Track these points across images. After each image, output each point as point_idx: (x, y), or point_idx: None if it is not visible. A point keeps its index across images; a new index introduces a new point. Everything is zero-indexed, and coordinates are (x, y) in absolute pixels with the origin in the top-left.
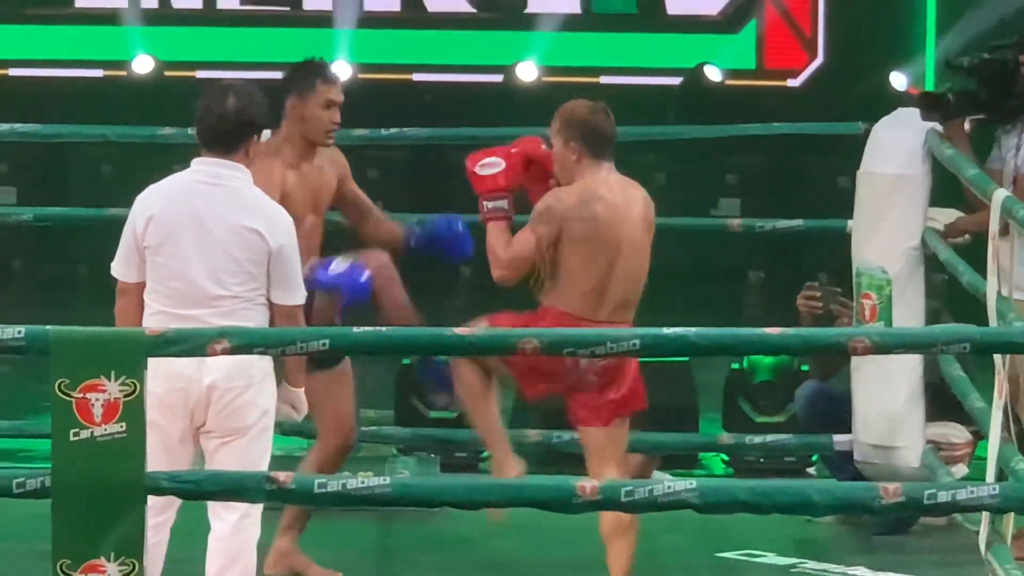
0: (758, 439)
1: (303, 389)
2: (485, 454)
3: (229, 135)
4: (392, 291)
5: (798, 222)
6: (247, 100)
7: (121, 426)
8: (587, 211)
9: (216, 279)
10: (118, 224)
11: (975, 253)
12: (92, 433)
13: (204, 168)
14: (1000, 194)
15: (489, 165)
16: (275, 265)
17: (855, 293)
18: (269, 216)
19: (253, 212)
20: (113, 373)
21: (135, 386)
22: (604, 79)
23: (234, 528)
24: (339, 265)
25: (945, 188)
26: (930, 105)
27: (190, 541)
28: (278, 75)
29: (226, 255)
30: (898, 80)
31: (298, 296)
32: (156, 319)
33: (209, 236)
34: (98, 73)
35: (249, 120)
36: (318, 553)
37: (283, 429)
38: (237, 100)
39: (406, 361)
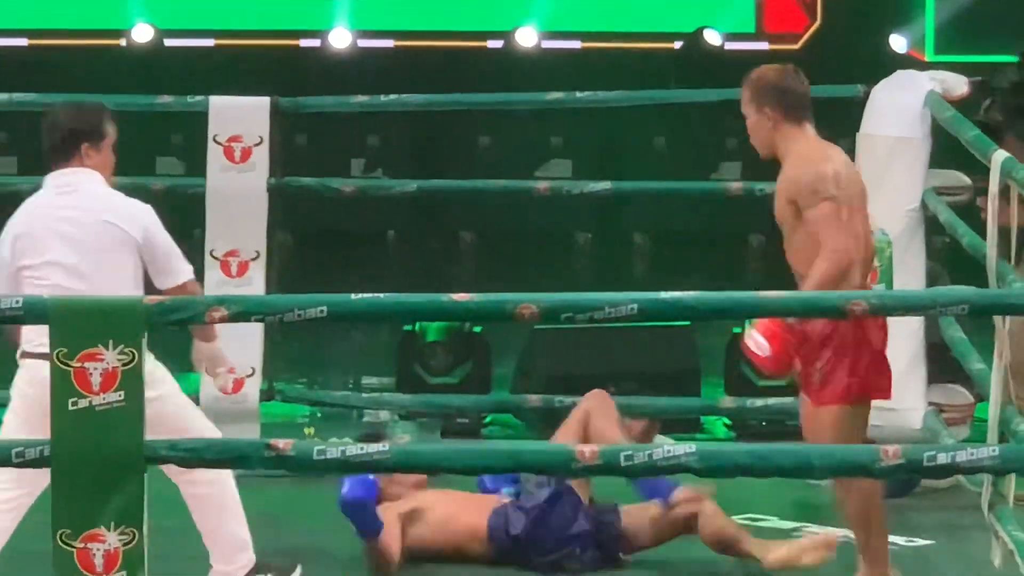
0: (760, 403)
1: (216, 343)
2: (489, 419)
3: (65, 145)
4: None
5: None
6: (74, 112)
7: (120, 395)
8: (846, 174)
9: (82, 276)
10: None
11: (975, 215)
12: (91, 402)
13: (54, 180)
14: (999, 155)
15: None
16: (146, 253)
17: None
18: (124, 209)
19: (109, 208)
20: (111, 342)
21: (133, 355)
22: (604, 44)
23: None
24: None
25: (945, 151)
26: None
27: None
28: (277, 43)
29: (92, 252)
30: (897, 43)
31: (182, 274)
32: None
33: (71, 239)
34: (97, 42)
35: (77, 129)
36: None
37: (285, 396)
38: (65, 113)
39: (407, 328)
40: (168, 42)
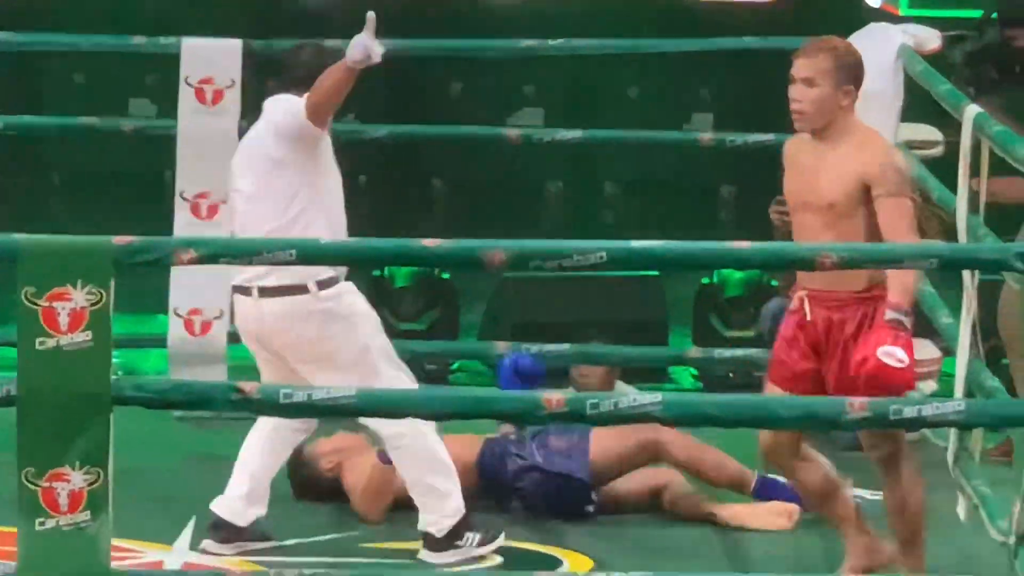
0: (727, 353)
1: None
2: (456, 366)
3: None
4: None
5: (770, 136)
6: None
7: (87, 335)
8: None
9: (248, 199)
10: (90, 133)
11: (945, 169)
12: (58, 342)
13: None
14: (972, 110)
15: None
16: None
17: None
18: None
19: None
20: (80, 282)
21: (101, 295)
22: None
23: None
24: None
25: (917, 105)
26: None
27: None
28: None
29: (252, 175)
30: None
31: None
32: None
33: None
34: None
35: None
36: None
37: None
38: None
39: (376, 273)
40: None
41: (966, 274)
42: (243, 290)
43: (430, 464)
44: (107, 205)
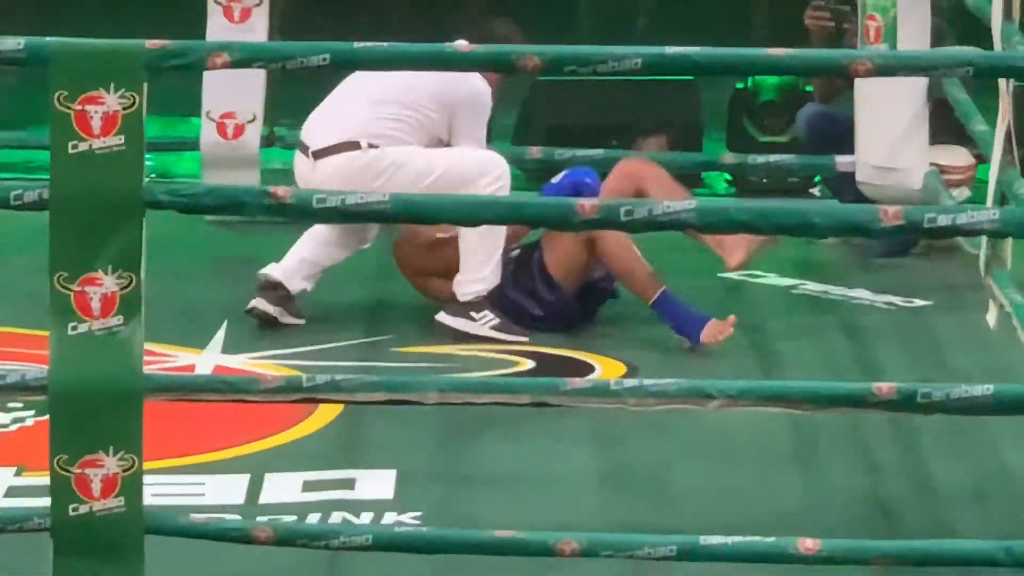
0: (761, 159)
1: None
2: None
3: None
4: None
5: None
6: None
7: (119, 139)
8: None
9: None
10: None
11: None
12: (91, 146)
13: None
14: None
15: None
16: None
17: (860, 14)
18: None
19: None
20: (112, 85)
21: (134, 99)
22: None
23: None
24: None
25: None
26: None
27: None
28: None
29: None
30: None
31: None
32: None
33: None
34: None
35: None
36: None
37: (285, 143)
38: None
39: None
40: None
41: (1001, 81)
42: (303, 148)
43: (487, 230)
44: (138, 8)
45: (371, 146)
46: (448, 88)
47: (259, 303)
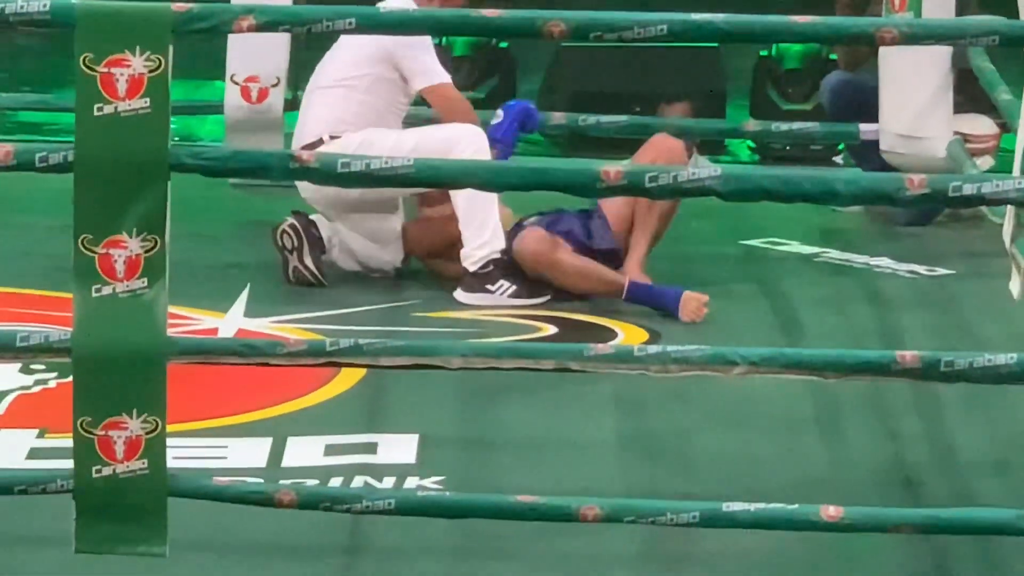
0: (784, 127)
1: None
2: None
3: None
4: None
5: None
6: None
7: (145, 102)
8: None
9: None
10: None
11: None
12: (116, 108)
13: None
14: None
15: None
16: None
17: None
18: None
19: None
20: (138, 48)
21: (160, 62)
22: None
23: None
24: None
25: None
26: None
27: None
28: None
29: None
30: None
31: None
32: None
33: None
34: None
35: None
36: None
37: None
38: None
39: (436, 42)
40: None
41: None
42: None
43: (482, 196)
44: None
45: (332, 137)
46: (377, 43)
47: (291, 222)
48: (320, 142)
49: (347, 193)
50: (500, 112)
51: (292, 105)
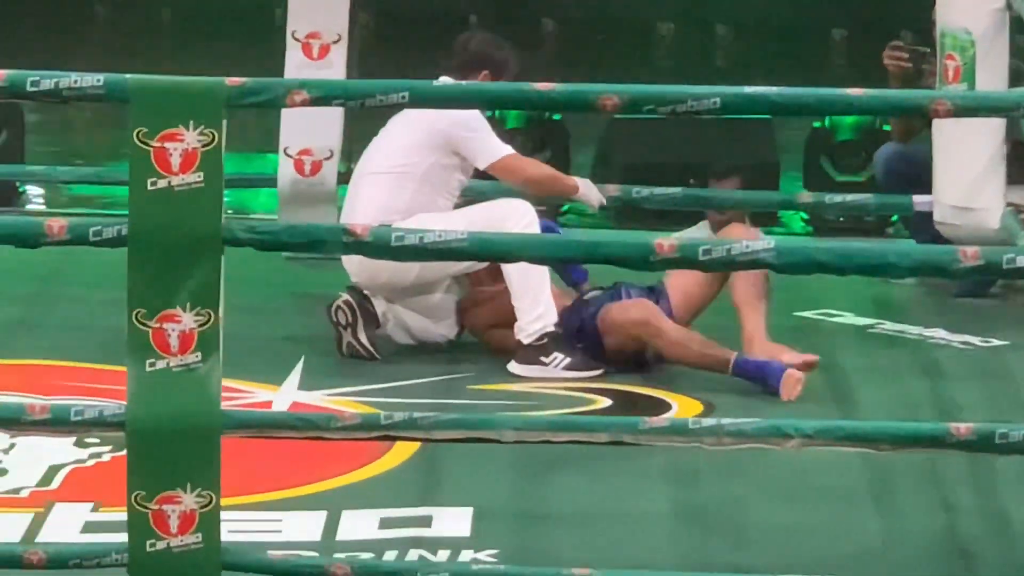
0: (838, 198)
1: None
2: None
3: (466, 66)
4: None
5: None
6: (490, 41)
7: (199, 176)
8: None
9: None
10: None
11: None
12: (170, 183)
13: None
14: None
15: None
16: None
17: (939, 54)
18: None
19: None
20: (192, 123)
21: (213, 136)
22: None
23: None
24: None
25: None
26: None
27: None
28: None
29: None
30: None
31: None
32: None
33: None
34: None
35: (487, 56)
36: None
37: None
38: (481, 40)
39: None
40: None
41: None
42: None
43: (535, 271)
44: (218, 44)
45: (382, 225)
46: (432, 129)
47: (346, 298)
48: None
49: (401, 277)
50: None
51: (345, 178)
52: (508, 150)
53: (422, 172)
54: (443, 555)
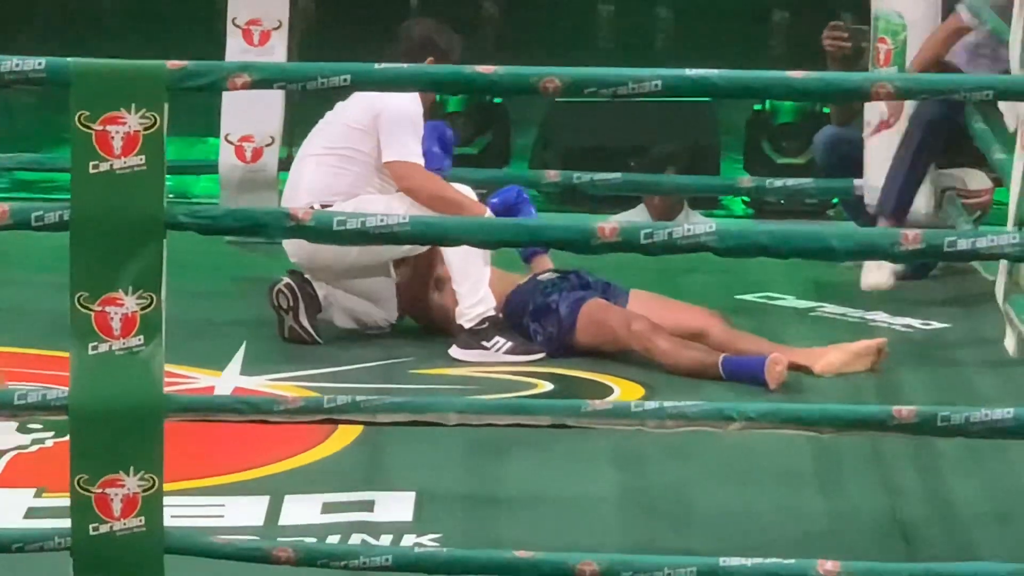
0: (779, 182)
1: None
2: None
3: (412, 52)
4: None
5: None
6: (434, 28)
7: (140, 159)
8: None
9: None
10: None
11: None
12: (111, 165)
13: None
14: None
15: None
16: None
17: (871, 37)
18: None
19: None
20: (134, 106)
21: (155, 119)
22: None
23: None
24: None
25: None
26: None
27: None
28: None
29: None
30: None
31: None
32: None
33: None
34: None
35: (432, 43)
36: None
37: None
38: (426, 26)
39: None
40: None
41: (1020, 107)
42: None
43: (476, 255)
44: (158, 30)
45: (324, 206)
46: (370, 110)
47: (287, 281)
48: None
49: (340, 259)
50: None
51: (286, 164)
52: (414, 158)
53: (363, 155)
54: (385, 539)
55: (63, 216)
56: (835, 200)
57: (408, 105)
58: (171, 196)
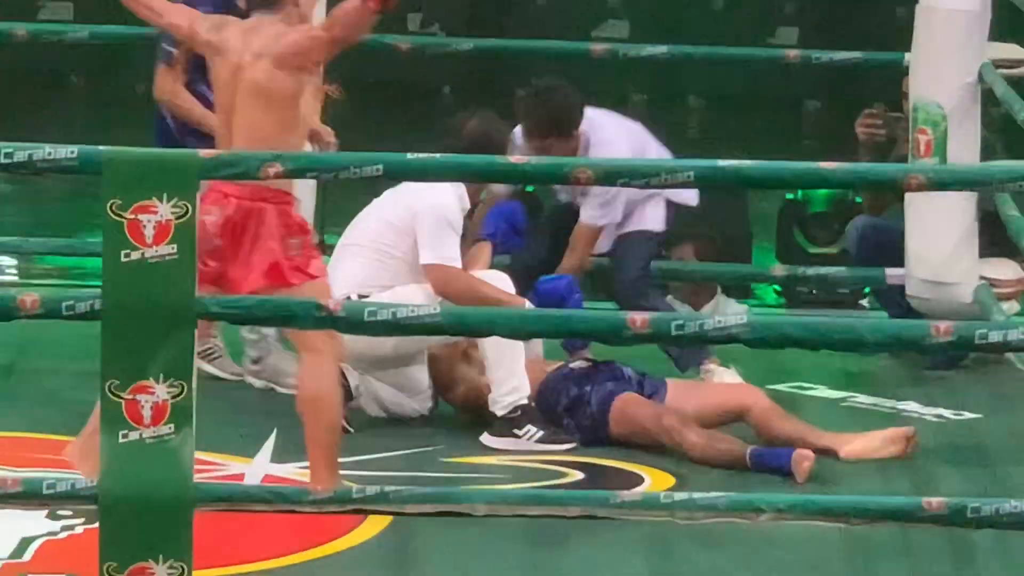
0: (811, 271)
1: None
2: None
3: None
4: None
5: (856, 55)
6: None
7: (172, 248)
8: None
9: None
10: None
11: None
12: (143, 254)
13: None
14: None
15: None
16: None
17: (911, 128)
18: None
19: None
20: (165, 195)
21: (187, 208)
22: None
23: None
24: None
25: (1003, 22)
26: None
27: None
28: None
29: None
30: None
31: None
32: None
33: None
34: None
35: None
36: None
37: None
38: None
39: None
40: None
41: None
42: None
43: (509, 344)
44: None
45: (361, 296)
46: (410, 209)
47: None
48: (342, 301)
49: (374, 349)
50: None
51: (320, 250)
52: (452, 261)
53: (402, 251)
54: None
55: (94, 305)
56: (867, 290)
57: (448, 203)
58: None
